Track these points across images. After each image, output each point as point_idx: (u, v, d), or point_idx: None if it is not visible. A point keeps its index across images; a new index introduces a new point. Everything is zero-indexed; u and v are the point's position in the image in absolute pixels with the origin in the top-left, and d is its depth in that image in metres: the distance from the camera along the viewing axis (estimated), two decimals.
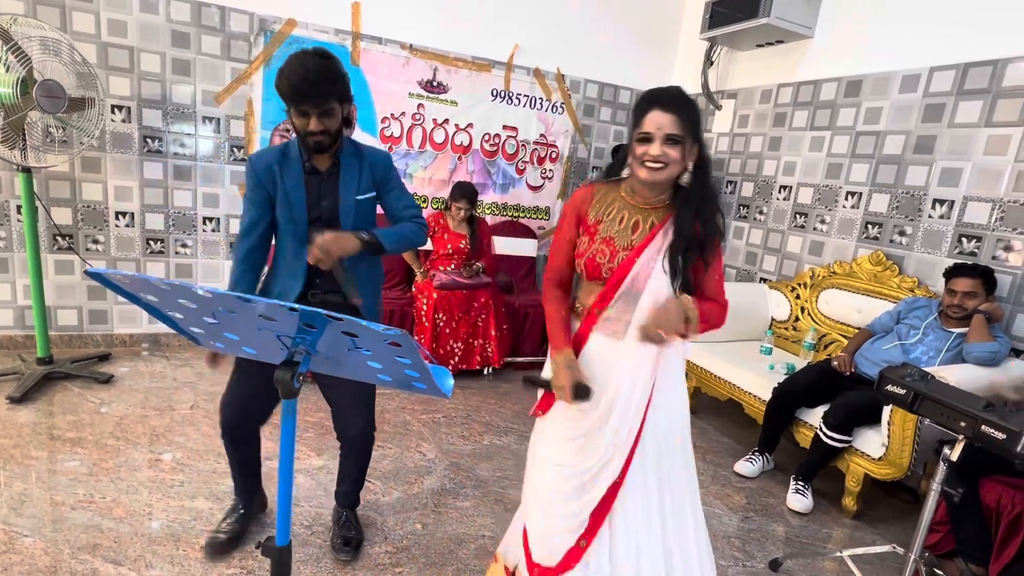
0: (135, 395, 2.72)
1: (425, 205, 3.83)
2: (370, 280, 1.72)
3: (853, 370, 2.51)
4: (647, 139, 1.26)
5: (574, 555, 1.40)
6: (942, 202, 2.67)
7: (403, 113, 3.63)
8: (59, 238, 3.06)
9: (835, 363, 2.55)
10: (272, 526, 1.90)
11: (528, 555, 1.48)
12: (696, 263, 1.32)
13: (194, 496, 2.00)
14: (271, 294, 1.67)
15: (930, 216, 2.71)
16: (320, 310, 0.79)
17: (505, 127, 3.92)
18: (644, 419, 1.36)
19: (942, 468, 1.55)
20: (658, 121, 1.24)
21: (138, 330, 3.35)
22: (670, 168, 1.27)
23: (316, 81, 1.44)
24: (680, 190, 1.35)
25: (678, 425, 1.44)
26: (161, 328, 3.36)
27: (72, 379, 2.80)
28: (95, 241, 3.15)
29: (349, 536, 1.84)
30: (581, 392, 1.31)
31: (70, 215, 3.07)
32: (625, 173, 1.39)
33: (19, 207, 2.80)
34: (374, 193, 1.69)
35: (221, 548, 1.74)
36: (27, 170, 2.60)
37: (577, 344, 1.41)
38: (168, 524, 1.84)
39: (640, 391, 1.35)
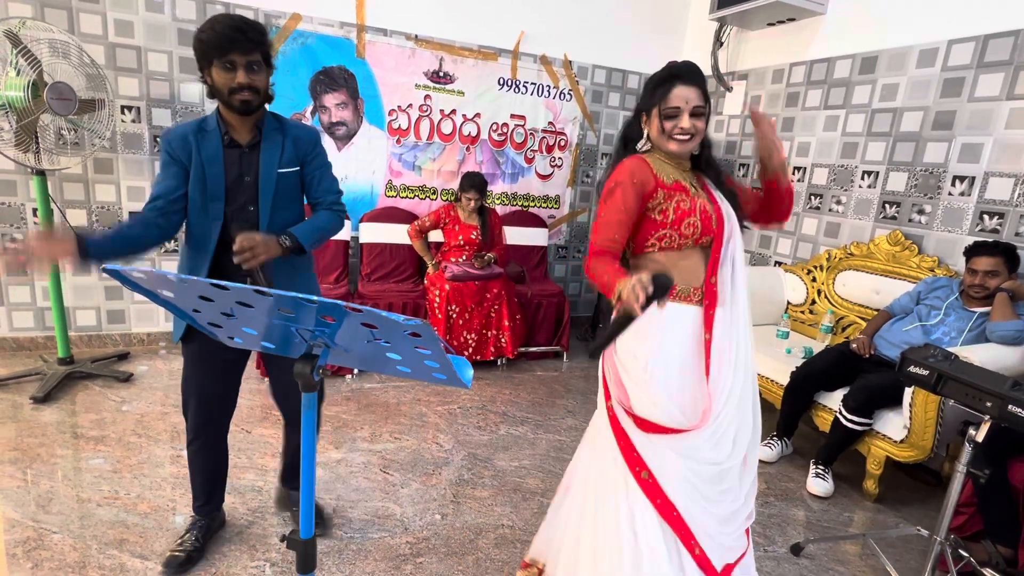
0: (155, 393, 2.76)
1: (435, 197, 3.83)
2: (294, 285, 1.59)
3: (873, 352, 2.48)
4: (675, 114, 1.28)
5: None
6: (962, 179, 2.60)
7: (410, 105, 3.61)
8: None
9: (854, 345, 2.51)
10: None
11: (701, 553, 1.33)
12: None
13: None
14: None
15: (950, 193, 2.65)
16: (340, 302, 0.78)
17: (513, 116, 3.89)
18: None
19: (968, 449, 1.52)
20: (685, 95, 1.27)
21: (155, 329, 3.39)
22: (695, 138, 1.30)
23: (244, 28, 1.40)
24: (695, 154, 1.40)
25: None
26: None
27: (93, 378, 2.84)
28: None
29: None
30: (660, 282, 1.00)
31: (85, 216, 3.09)
32: (643, 146, 1.37)
33: (35, 210, 2.83)
34: (297, 168, 1.59)
35: (180, 567, 1.65)
36: (41, 173, 2.62)
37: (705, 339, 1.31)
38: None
39: (745, 351, 1.34)
